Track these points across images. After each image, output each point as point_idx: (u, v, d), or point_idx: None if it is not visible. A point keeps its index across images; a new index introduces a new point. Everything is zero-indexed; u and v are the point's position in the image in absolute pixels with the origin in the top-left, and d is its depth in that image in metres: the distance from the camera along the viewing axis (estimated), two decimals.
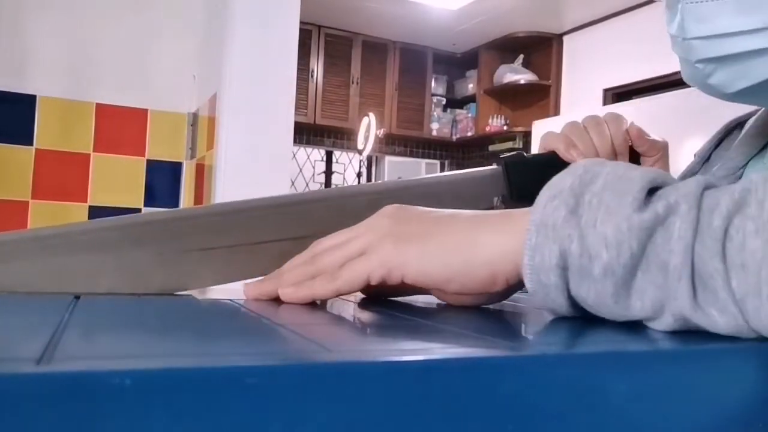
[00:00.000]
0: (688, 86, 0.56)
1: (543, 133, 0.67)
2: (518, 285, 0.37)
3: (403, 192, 0.54)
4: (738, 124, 0.66)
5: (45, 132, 1.70)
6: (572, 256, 0.31)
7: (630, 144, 0.65)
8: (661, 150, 0.66)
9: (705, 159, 0.67)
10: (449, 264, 0.36)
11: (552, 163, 0.64)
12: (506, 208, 0.54)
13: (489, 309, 0.40)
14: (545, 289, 0.33)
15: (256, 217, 0.48)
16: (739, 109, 0.61)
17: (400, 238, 0.38)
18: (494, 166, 0.60)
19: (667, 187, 0.32)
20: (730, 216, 0.29)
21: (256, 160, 1.52)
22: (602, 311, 0.32)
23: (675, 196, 0.30)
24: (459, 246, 0.36)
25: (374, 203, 0.49)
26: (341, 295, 0.40)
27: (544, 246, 0.32)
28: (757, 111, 0.63)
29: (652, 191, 0.32)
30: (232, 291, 0.46)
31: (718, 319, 0.29)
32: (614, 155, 0.64)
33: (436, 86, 5.60)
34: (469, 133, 5.53)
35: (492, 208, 0.57)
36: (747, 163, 0.60)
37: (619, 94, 4.50)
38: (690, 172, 0.67)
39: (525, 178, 0.59)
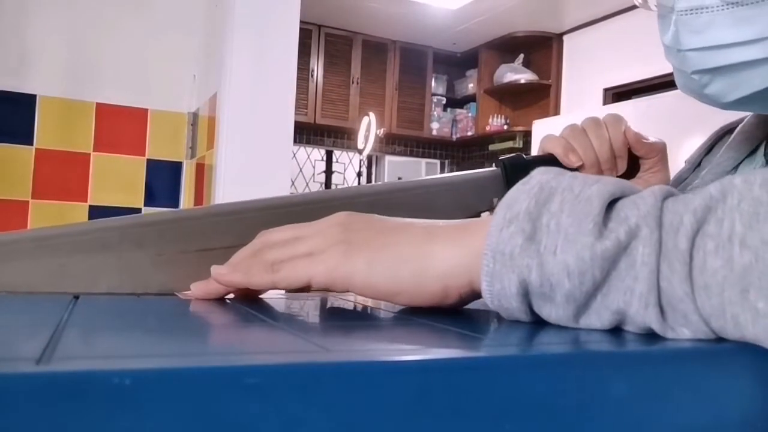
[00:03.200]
0: None
1: (543, 133, 0.67)
2: (471, 297, 0.36)
3: (402, 193, 0.54)
4: (728, 131, 0.66)
5: (45, 132, 1.70)
6: (532, 285, 0.31)
7: (628, 147, 0.65)
8: (659, 152, 0.66)
9: (696, 165, 0.67)
10: (398, 277, 0.35)
11: (551, 165, 0.64)
12: None
13: (488, 309, 0.40)
14: (507, 311, 0.33)
15: (254, 218, 0.48)
16: (737, 113, 0.61)
17: (349, 246, 0.37)
18: (493, 168, 0.60)
19: (626, 202, 0.31)
20: (694, 236, 0.28)
21: (256, 160, 1.52)
22: (566, 326, 0.32)
23: (635, 217, 0.30)
24: (410, 258, 0.35)
25: (373, 204, 0.49)
26: (277, 289, 0.39)
27: (502, 274, 0.31)
28: (745, 117, 0.63)
29: (611, 203, 0.31)
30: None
31: (690, 335, 0.29)
32: (613, 158, 0.64)
33: (436, 86, 5.60)
34: (469, 133, 5.53)
35: (491, 209, 0.56)
36: (737, 167, 0.60)
37: (619, 94, 4.50)
38: (680, 179, 0.67)
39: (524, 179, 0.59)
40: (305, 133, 5.17)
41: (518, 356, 0.25)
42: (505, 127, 5.29)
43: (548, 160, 0.64)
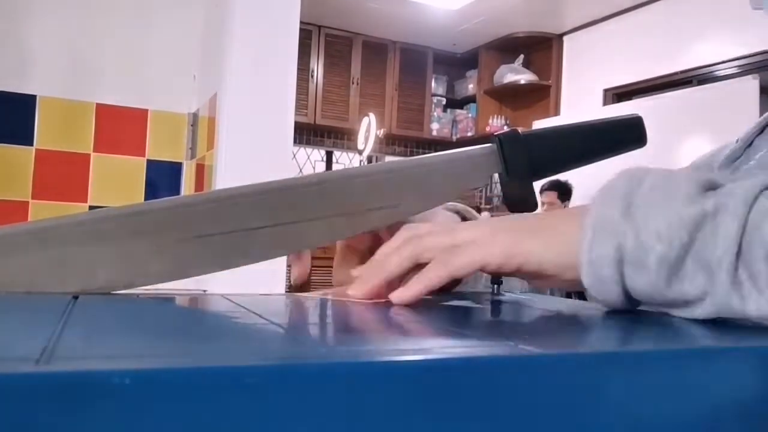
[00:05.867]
0: (688, 86, 0.56)
1: None
2: None
3: (400, 172, 0.53)
4: None
5: (45, 132, 1.70)
6: (627, 250, 0.34)
7: None
8: None
9: (747, 144, 0.66)
10: (567, 254, 0.38)
11: (546, 138, 0.63)
12: (502, 185, 0.54)
13: (488, 308, 0.40)
14: (601, 283, 0.35)
15: (251, 203, 0.48)
16: (739, 109, 0.61)
17: (513, 231, 0.40)
18: (490, 144, 0.60)
19: (723, 188, 0.34)
20: None
21: (256, 160, 1.52)
22: (656, 299, 0.35)
23: (727, 196, 0.33)
24: (574, 238, 0.37)
25: (371, 186, 0.49)
26: (454, 278, 0.40)
27: (601, 241, 0.35)
28: None
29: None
30: (233, 288, 0.46)
31: (753, 307, 0.31)
32: None
33: (436, 86, 5.60)
34: (470, 134, 5.53)
35: (489, 185, 0.57)
36: None
37: (619, 94, 4.50)
38: (733, 157, 0.66)
39: (520, 155, 0.59)
40: (305, 133, 5.17)
41: (518, 356, 0.25)
42: (505, 127, 5.28)
43: (543, 132, 0.63)
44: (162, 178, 1.82)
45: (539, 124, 4.25)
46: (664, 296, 0.34)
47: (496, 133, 0.61)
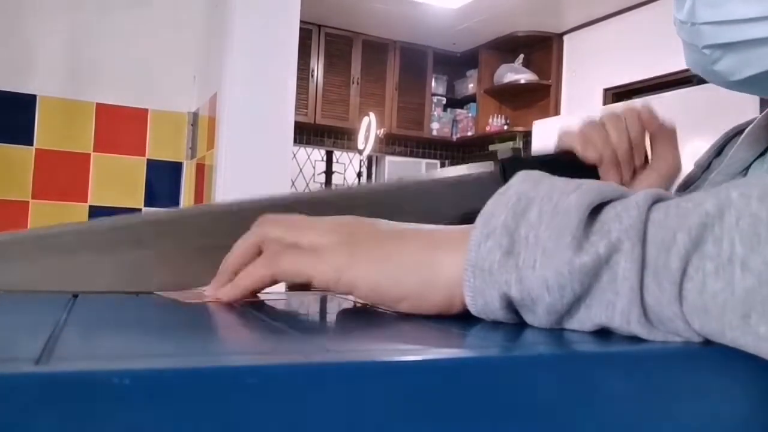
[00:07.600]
0: (688, 86, 0.56)
1: (543, 133, 0.67)
2: None
3: (401, 192, 0.54)
4: (738, 132, 0.65)
5: (45, 132, 1.70)
6: (514, 299, 0.31)
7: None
8: (669, 132, 0.66)
9: (704, 168, 0.67)
10: (404, 283, 0.35)
11: (548, 162, 0.64)
12: None
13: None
14: (495, 320, 0.33)
15: (253, 216, 0.48)
16: (739, 110, 0.61)
17: (356, 248, 0.36)
18: (491, 167, 0.60)
19: (609, 213, 0.30)
20: (688, 255, 0.27)
21: (256, 160, 1.52)
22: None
23: (617, 231, 0.29)
24: (416, 265, 0.35)
25: (373, 203, 0.49)
26: (278, 282, 0.38)
27: (484, 290, 0.31)
28: (755, 118, 0.63)
29: (597, 208, 0.31)
30: None
31: (681, 341, 0.29)
32: (631, 150, 0.64)
33: (437, 86, 5.60)
34: (470, 133, 5.53)
35: None
36: (747, 169, 0.60)
37: (619, 94, 4.50)
38: (690, 182, 0.67)
39: None
40: (305, 133, 5.17)
41: (518, 356, 0.25)
42: (505, 127, 5.29)
43: (545, 156, 0.64)
44: (162, 178, 1.82)
45: (539, 124, 4.25)
46: (560, 326, 0.32)
47: (499, 158, 0.61)
